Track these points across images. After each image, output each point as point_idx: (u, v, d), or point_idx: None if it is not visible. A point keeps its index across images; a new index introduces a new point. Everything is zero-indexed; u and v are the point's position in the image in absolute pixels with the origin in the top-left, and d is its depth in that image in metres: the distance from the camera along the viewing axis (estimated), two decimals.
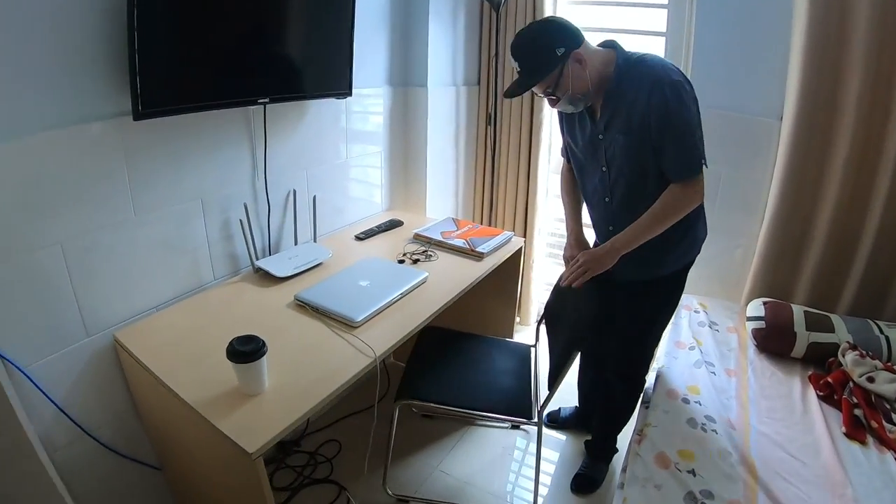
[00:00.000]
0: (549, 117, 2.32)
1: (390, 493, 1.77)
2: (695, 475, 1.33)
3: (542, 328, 1.85)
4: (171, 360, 1.23)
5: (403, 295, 1.52)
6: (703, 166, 1.32)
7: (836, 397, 1.61)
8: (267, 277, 1.59)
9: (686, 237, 1.47)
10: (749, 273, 2.14)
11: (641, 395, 1.71)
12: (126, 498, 1.47)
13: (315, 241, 1.83)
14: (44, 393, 1.25)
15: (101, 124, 1.23)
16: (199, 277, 1.56)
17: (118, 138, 1.27)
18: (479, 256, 1.81)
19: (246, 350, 1.08)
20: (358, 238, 1.93)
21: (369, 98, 2.03)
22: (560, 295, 1.73)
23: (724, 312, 2.14)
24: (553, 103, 1.38)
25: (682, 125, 1.28)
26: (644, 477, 1.34)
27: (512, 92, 1.36)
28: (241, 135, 1.58)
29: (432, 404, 1.57)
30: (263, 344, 1.11)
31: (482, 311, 2.20)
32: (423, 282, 1.62)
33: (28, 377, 1.22)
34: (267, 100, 1.50)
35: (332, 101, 1.80)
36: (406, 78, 2.15)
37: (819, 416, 1.56)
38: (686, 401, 1.62)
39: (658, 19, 2.11)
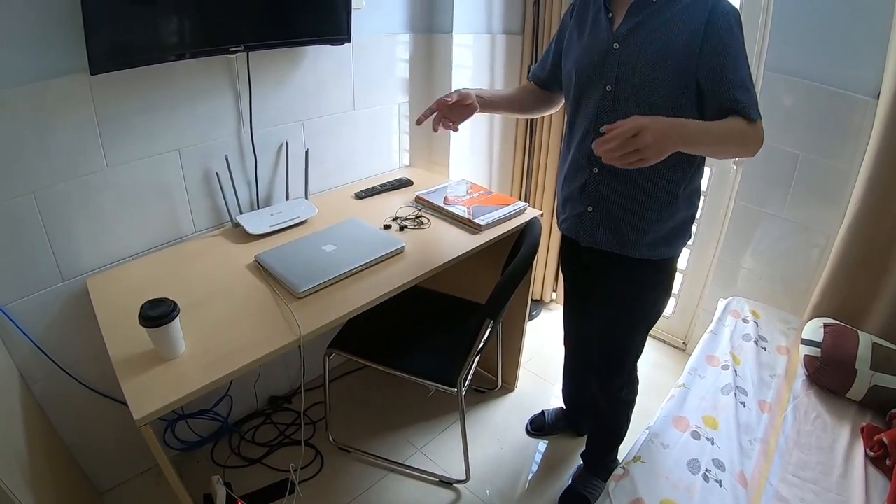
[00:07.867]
0: None
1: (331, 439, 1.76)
2: None
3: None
4: (120, 311, 1.22)
5: (368, 266, 1.39)
6: None
7: (888, 462, 1.26)
8: (244, 234, 1.53)
9: (674, 218, 1.22)
10: (818, 282, 1.73)
11: (632, 408, 1.48)
12: (102, 430, 1.53)
13: (307, 197, 1.73)
14: (20, 329, 1.32)
15: (68, 78, 1.23)
16: (177, 229, 1.54)
17: (86, 92, 1.27)
18: (477, 228, 1.61)
19: (153, 315, 1.03)
20: (358, 196, 1.81)
21: (385, 45, 1.86)
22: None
23: (779, 326, 1.73)
24: None
25: (745, 62, 1.07)
26: None
27: None
28: (223, 85, 1.50)
29: (356, 358, 1.53)
30: (174, 308, 1.05)
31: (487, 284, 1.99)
32: (399, 252, 1.46)
33: (6, 314, 1.29)
34: (241, 48, 1.39)
35: (334, 49, 1.66)
36: (430, 23, 1.94)
37: (860, 484, 1.22)
38: (696, 435, 1.32)
39: None
